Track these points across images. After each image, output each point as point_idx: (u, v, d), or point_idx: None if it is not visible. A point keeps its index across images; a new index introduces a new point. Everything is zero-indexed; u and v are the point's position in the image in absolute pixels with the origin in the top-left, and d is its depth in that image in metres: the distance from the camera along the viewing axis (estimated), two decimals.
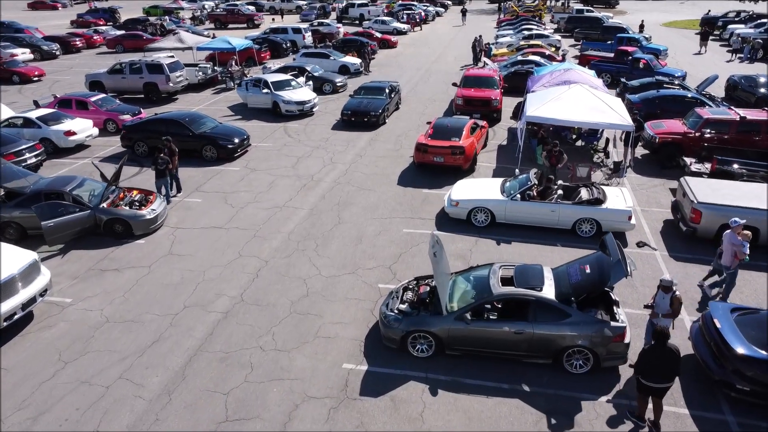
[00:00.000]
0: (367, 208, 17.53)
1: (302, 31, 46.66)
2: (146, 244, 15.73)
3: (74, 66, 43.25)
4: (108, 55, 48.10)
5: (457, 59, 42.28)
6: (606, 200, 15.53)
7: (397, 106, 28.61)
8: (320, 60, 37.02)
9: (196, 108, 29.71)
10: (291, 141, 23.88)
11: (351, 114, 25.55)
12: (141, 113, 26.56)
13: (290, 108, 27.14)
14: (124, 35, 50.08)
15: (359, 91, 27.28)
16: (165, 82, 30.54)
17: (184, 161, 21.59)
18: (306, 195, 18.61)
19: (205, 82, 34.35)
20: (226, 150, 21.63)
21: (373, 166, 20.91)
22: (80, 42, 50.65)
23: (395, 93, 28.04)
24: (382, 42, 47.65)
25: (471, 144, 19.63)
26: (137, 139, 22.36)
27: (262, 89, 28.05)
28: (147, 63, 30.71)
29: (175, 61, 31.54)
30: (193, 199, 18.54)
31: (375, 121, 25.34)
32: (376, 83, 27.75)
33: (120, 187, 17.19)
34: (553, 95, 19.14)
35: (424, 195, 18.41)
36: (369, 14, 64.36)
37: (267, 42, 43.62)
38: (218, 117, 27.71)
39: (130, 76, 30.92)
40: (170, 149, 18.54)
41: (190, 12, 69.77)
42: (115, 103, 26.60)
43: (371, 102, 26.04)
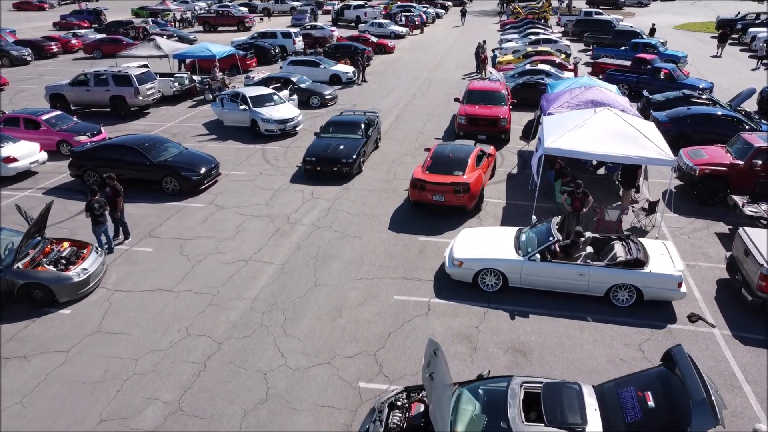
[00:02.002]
0: (351, 264, 14.34)
1: (292, 35, 43.43)
2: (71, 315, 12.54)
3: (45, 73, 40.04)
4: (85, 61, 44.90)
5: (459, 66, 39.07)
6: (648, 261, 12.33)
7: (376, 145, 22.67)
8: (309, 69, 33.83)
9: (168, 124, 26.53)
10: (268, 168, 20.67)
11: (316, 162, 19.35)
12: (102, 133, 23.38)
13: (270, 127, 23.94)
14: (102, 40, 46.86)
15: (327, 128, 21.11)
16: (133, 95, 27.36)
17: (141, 196, 18.40)
18: (278, 243, 15.42)
19: (182, 94, 31.14)
20: (189, 182, 18.44)
21: (361, 204, 17.71)
22: (56, 46, 47.44)
23: (374, 128, 21.92)
24: (378, 47, 44.43)
25: (477, 179, 16.44)
26: (87, 167, 19.16)
27: (240, 105, 24.85)
28: (113, 74, 27.51)
29: (145, 72, 28.33)
30: (143, 248, 15.35)
31: (348, 171, 19.31)
32: (349, 117, 21.73)
33: (46, 239, 13.99)
34: (575, 121, 15.94)
35: (420, 244, 15.21)
36: (366, 16, 61.14)
37: (253, 47, 40.41)
38: (189, 136, 24.53)
39: (96, 89, 27.73)
40: (113, 188, 15.34)
41: (178, 13, 66.49)
42: (71, 122, 23.41)
43: (343, 144, 19.92)
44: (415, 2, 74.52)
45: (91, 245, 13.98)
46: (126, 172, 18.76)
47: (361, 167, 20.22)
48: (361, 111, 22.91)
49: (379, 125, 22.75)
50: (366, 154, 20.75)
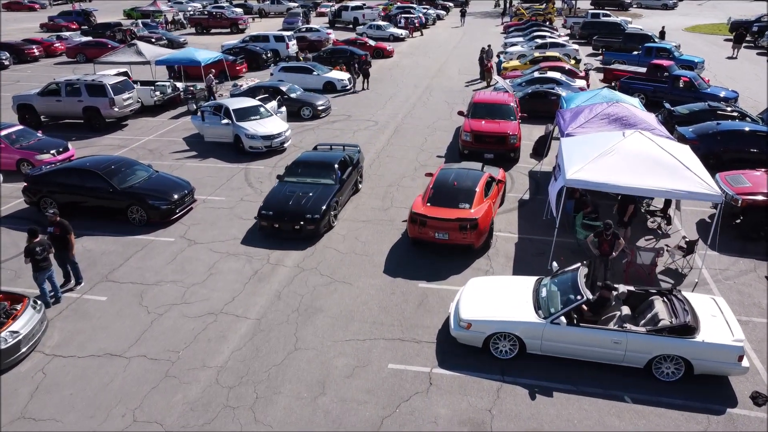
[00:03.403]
0: (339, 320, 12.09)
1: (286, 38, 41.14)
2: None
3: (22, 79, 37.79)
4: (68, 65, 42.66)
5: (462, 72, 36.80)
6: (699, 326, 10.08)
7: (356, 187, 18.35)
8: (302, 76, 31.58)
9: (145, 138, 24.29)
10: (250, 193, 18.41)
11: (273, 217, 15.20)
12: (69, 150, 21.15)
13: (255, 144, 21.67)
14: (87, 43, 44.62)
15: (293, 169, 16.97)
16: (108, 106, 25.09)
17: (104, 227, 16.17)
18: (255, 291, 13.18)
19: (164, 103, 28.87)
20: (158, 212, 16.20)
21: (352, 239, 15.46)
22: (37, 50, 45.19)
23: (353, 168, 17.73)
24: (375, 51, 42.14)
25: (486, 212, 14.20)
26: (43, 193, 16.93)
27: (222, 119, 22.58)
28: (87, 83, 25.25)
29: (123, 81, 26.07)
30: (96, 296, 13.11)
31: (313, 230, 15.10)
32: (322, 155, 17.47)
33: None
34: (601, 146, 13.68)
35: (420, 293, 12.96)
36: (364, 18, 58.79)
37: (244, 52, 38.11)
38: (167, 153, 22.28)
39: (67, 99, 25.47)
40: (59, 226, 13.09)
41: (170, 15, 64.20)
42: (34, 138, 21.17)
43: (311, 192, 15.80)
44: (416, 3, 72.19)
45: (27, 299, 11.72)
46: (87, 199, 16.55)
47: (333, 222, 16.04)
48: (339, 144, 18.88)
49: (360, 163, 18.61)
50: (341, 203, 16.62)
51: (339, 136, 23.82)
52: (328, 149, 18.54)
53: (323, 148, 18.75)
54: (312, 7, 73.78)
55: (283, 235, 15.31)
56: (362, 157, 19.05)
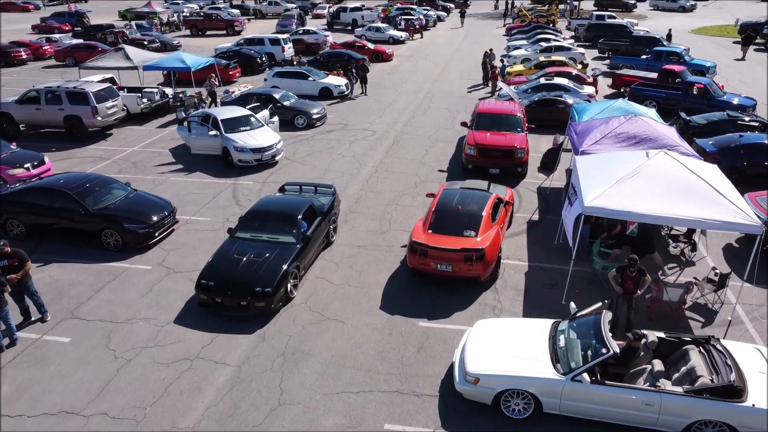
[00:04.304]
0: (330, 366, 10.70)
1: (281, 41, 39.72)
2: None
3: (7, 83, 36.39)
4: (56, 69, 41.25)
5: (464, 77, 35.38)
6: (746, 387, 8.69)
7: (326, 240, 14.91)
8: (297, 81, 30.19)
9: (129, 149, 22.90)
10: (238, 213, 17.00)
11: (215, 289, 12.01)
12: (45, 164, 19.74)
13: (244, 157, 20.27)
14: (77, 46, 43.19)
15: (248, 221, 13.68)
16: (91, 115, 23.68)
17: (76, 252, 14.79)
18: (238, 329, 11.79)
19: (152, 111, 27.45)
20: (135, 236, 14.81)
21: (347, 267, 14.06)
22: (25, 53, 43.76)
23: (324, 218, 14.46)
24: (374, 54, 40.72)
25: (494, 240, 12.81)
26: (10, 215, 15.54)
27: (210, 130, 21.18)
28: (68, 90, 23.86)
29: (106, 88, 24.67)
30: (59, 336, 11.72)
31: (263, 306, 11.86)
32: (285, 202, 14.19)
33: None
34: (622, 167, 12.28)
35: (421, 333, 11.57)
36: (363, 20, 57.36)
37: (238, 56, 36.72)
38: (151, 166, 20.90)
39: (47, 107, 24.06)
40: (17, 256, 11.72)
41: (164, 16, 62.80)
42: (7, 150, 19.72)
43: (266, 253, 12.64)
44: (416, 4, 70.76)
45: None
46: (57, 221, 15.16)
47: (292, 293, 12.66)
48: (310, 184, 15.91)
49: (334, 209, 15.26)
50: (304, 266, 13.35)
51: (334, 147, 22.45)
52: (297, 192, 15.73)
53: (291, 189, 15.95)
54: (310, 8, 72.40)
55: (226, 312, 12.03)
56: (338, 200, 15.74)
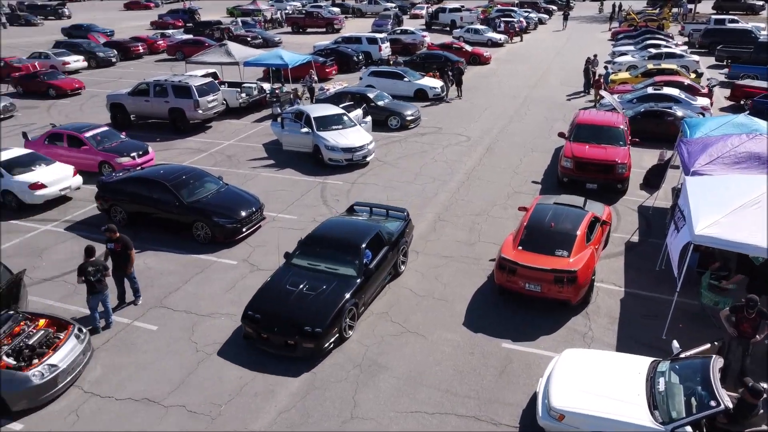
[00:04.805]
0: (406, 382, 10.35)
1: (378, 41, 39.80)
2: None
3: (124, 76, 38.79)
4: (167, 63, 43.55)
5: (564, 83, 33.96)
6: None
7: (394, 271, 13.40)
8: (392, 81, 30.08)
9: (225, 143, 23.62)
10: (325, 213, 17.01)
11: (261, 323, 10.94)
12: (149, 153, 20.67)
13: (335, 156, 20.31)
14: (186, 41, 45.37)
15: (308, 246, 12.47)
16: (193, 108, 24.65)
17: (169, 242, 15.30)
18: None
19: (249, 106, 28.25)
20: (223, 230, 15.12)
21: (432, 278, 13.64)
22: (142, 47, 46.58)
23: (390, 246, 12.97)
24: (471, 57, 39.94)
25: (588, 262, 11.99)
26: (113, 201, 16.31)
27: (302, 127, 21.40)
28: (173, 84, 24.93)
29: (208, 83, 25.63)
30: (147, 323, 12.09)
31: (312, 348, 10.66)
32: (350, 226, 13.08)
33: (19, 313, 10.95)
34: (742, 193, 11.12)
35: (504, 355, 10.98)
36: (461, 21, 56.54)
37: (335, 54, 37.14)
38: (244, 160, 21.41)
39: (155, 99, 25.32)
40: (118, 242, 12.21)
41: (268, 14, 64.82)
42: (117, 139, 20.84)
43: (320, 288, 11.35)
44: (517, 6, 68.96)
45: (72, 326, 10.80)
46: (154, 211, 15.77)
47: (347, 333, 11.34)
48: (382, 207, 14.58)
49: (405, 237, 13.79)
50: (364, 303, 11.98)
51: (427, 151, 22.08)
52: (367, 214, 14.39)
53: (361, 210, 14.62)
54: (409, 7, 72.30)
55: (271, 350, 10.92)
56: (411, 227, 14.33)
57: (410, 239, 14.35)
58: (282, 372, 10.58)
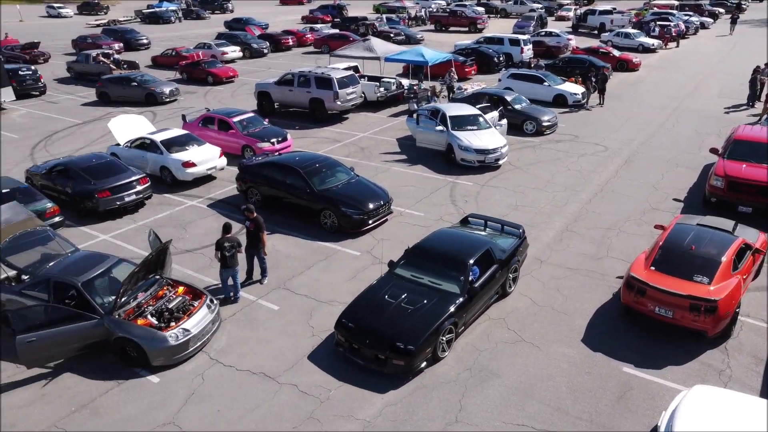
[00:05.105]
0: (516, 393, 10.06)
1: (521, 42, 38.91)
2: (156, 388, 10.30)
3: (273, 66, 41.17)
4: (312, 55, 45.64)
5: (723, 95, 31.16)
6: None
7: (501, 291, 12.56)
8: (531, 85, 29.26)
9: (360, 135, 24.32)
10: (452, 213, 16.99)
11: (354, 332, 10.56)
12: (288, 140, 21.79)
13: (467, 157, 20.17)
14: (332, 35, 47.28)
15: (414, 256, 11.98)
16: (332, 99, 25.63)
17: (298, 228, 16.05)
18: None
19: (387, 100, 28.86)
20: (350, 220, 15.57)
21: (553, 289, 13.14)
22: (291, 40, 49.22)
23: (500, 265, 12.17)
24: (619, 62, 37.82)
25: (732, 293, 10.93)
26: (251, 183, 17.38)
27: (437, 125, 21.46)
28: (316, 75, 26.05)
29: (349, 75, 26.48)
30: (270, 303, 12.78)
31: (402, 366, 10.17)
32: (460, 238, 12.43)
33: (163, 278, 12.02)
34: None
35: (624, 380, 10.32)
36: (611, 24, 53.69)
37: (475, 53, 36.85)
38: (376, 153, 21.91)
39: (298, 89, 26.63)
40: (256, 222, 13.01)
41: (412, 11, 65.70)
42: (260, 125, 22.18)
43: (419, 303, 10.83)
44: (676, 9, 64.20)
45: (205, 296, 11.68)
46: (286, 196, 16.58)
47: (442, 353, 10.75)
48: (497, 221, 13.86)
49: (517, 256, 12.94)
50: (464, 322, 11.32)
51: (560, 158, 21.28)
52: (481, 227, 13.71)
53: (475, 223, 13.91)
54: (556, 8, 69.94)
55: (360, 362, 10.54)
56: (525, 245, 13.48)
57: (523, 258, 13.49)
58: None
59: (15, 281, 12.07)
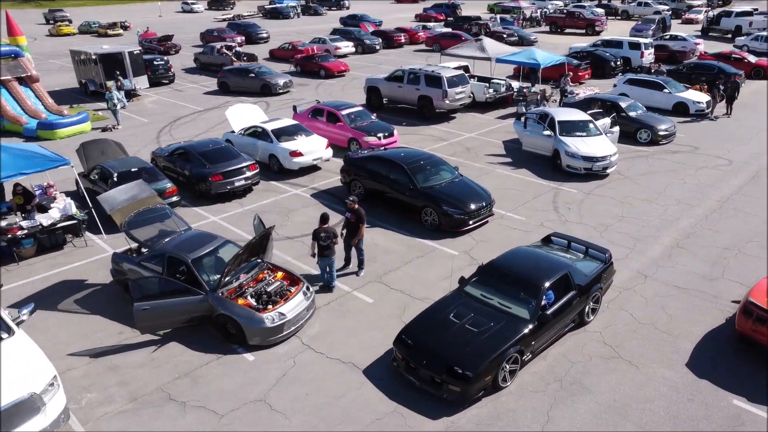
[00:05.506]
0: (608, 412, 9.61)
1: (642, 46, 36.95)
2: (251, 366, 10.80)
3: (384, 62, 41.78)
4: (423, 53, 45.84)
5: None
6: None
7: (579, 319, 11.58)
8: (649, 92, 27.71)
9: (466, 135, 24.16)
10: (553, 220, 16.49)
11: (413, 350, 9.97)
12: (394, 136, 22.05)
13: (574, 164, 19.48)
14: (444, 34, 47.27)
15: (487, 275, 11.32)
16: (441, 97, 25.65)
17: (397, 223, 16.22)
18: None
19: (495, 101, 28.46)
20: (450, 219, 15.51)
21: (657, 306, 12.40)
22: (403, 38, 49.72)
23: (579, 292, 11.19)
24: (754, 69, 34.91)
25: None
26: (355, 176, 17.73)
27: (545, 129, 20.87)
28: (426, 73, 26.14)
29: (459, 75, 26.37)
30: (365, 295, 13.01)
31: (459, 392, 9.51)
32: (535, 258, 11.61)
33: (264, 262, 12.55)
34: None
35: (732, 414, 9.56)
36: (750, 27, 49.57)
37: (591, 57, 35.44)
38: (481, 154, 21.68)
39: (407, 86, 26.87)
40: (357, 214, 13.29)
41: (528, 12, 64.22)
42: (367, 119, 22.60)
43: (483, 326, 10.15)
44: None
45: (302, 283, 12.07)
46: (389, 191, 16.76)
47: (504, 382, 9.97)
48: (582, 243, 12.80)
49: (600, 284, 11.79)
50: (532, 351, 10.45)
51: (676, 170, 20.03)
52: (564, 248, 12.70)
53: (558, 243, 12.94)
54: (684, 10, 65.76)
55: (416, 382, 9.92)
56: (611, 272, 12.31)
57: (607, 286, 12.35)
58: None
59: (136, 253, 13.07)
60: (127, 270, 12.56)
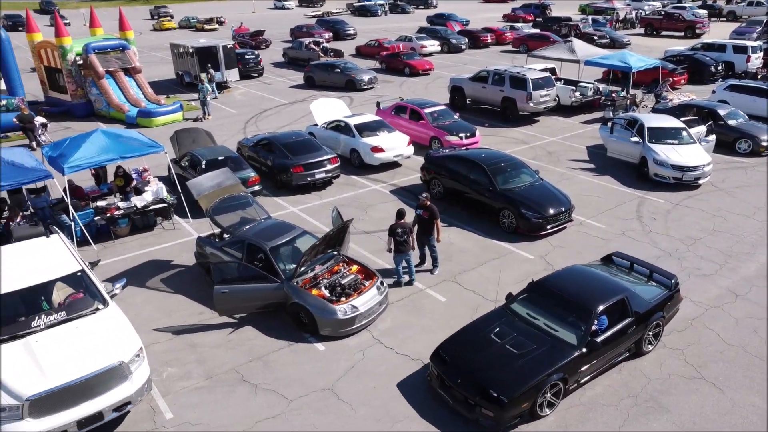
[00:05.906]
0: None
1: (748, 49, 34.72)
2: (321, 355, 11.05)
3: (469, 62, 41.46)
4: (509, 54, 45.13)
5: None
6: None
7: (635, 349, 10.67)
8: (753, 99, 25.94)
9: (549, 139, 23.61)
10: (635, 230, 15.85)
11: (450, 367, 9.52)
12: (476, 136, 21.90)
13: (662, 172, 18.61)
14: (531, 35, 46.34)
15: (536, 294, 10.67)
16: (525, 100, 25.17)
17: (474, 223, 16.09)
18: None
19: (581, 105, 27.61)
20: (528, 223, 15.23)
21: (750, 328, 11.64)
22: (490, 38, 49.14)
23: (636, 320, 10.25)
24: None
25: None
26: (435, 175, 17.73)
27: (633, 135, 20.06)
28: (511, 75, 25.73)
29: (545, 77, 25.79)
30: (438, 293, 13.01)
31: (492, 417, 8.80)
32: (593, 280, 10.76)
33: (340, 255, 12.78)
34: None
35: None
36: None
37: (688, 61, 33.68)
38: (563, 159, 21.15)
39: (491, 87, 26.55)
40: (430, 211, 13.30)
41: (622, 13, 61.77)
42: (450, 119, 22.52)
43: (526, 349, 9.46)
44: None
45: (376, 278, 12.22)
46: (468, 191, 16.64)
47: (542, 412, 9.20)
48: (646, 265, 11.75)
49: (665, 310, 10.82)
50: (577, 380, 9.63)
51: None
52: (626, 270, 11.69)
53: (620, 263, 11.94)
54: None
55: (449, 402, 9.41)
56: (676, 299, 11.19)
57: (671, 314, 11.21)
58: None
59: (218, 238, 13.66)
60: (209, 254, 13.13)
